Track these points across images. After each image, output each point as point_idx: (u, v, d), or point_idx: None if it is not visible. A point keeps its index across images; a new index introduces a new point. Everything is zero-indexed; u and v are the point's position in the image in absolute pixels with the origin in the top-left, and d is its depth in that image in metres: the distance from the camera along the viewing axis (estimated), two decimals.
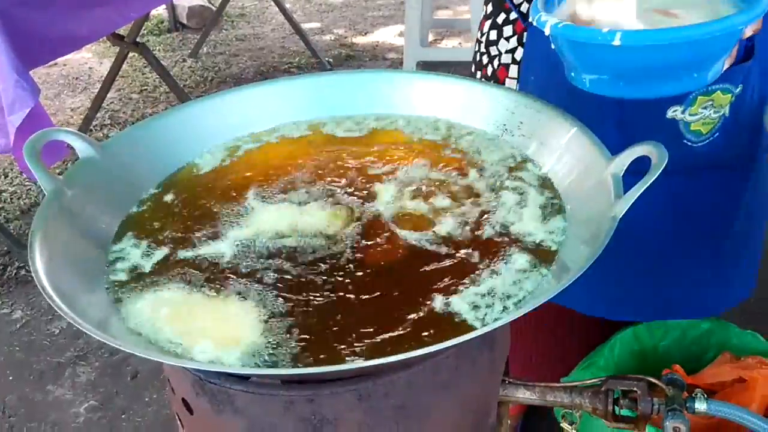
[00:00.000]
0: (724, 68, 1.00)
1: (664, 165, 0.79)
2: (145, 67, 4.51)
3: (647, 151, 0.83)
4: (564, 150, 0.98)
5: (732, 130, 1.29)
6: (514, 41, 1.37)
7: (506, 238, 0.91)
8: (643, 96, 1.00)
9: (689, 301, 1.50)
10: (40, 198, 3.30)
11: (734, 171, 1.36)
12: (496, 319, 0.78)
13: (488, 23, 1.44)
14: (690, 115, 1.25)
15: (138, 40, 3.50)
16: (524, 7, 1.33)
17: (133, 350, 0.70)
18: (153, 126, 1.08)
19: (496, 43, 1.41)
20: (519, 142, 1.06)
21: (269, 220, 0.97)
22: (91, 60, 4.83)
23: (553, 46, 1.02)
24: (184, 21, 5.39)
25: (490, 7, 1.44)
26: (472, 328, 0.78)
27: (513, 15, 1.36)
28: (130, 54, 3.68)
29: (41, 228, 0.85)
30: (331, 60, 4.78)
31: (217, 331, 0.80)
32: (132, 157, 1.03)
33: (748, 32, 1.05)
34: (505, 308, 0.80)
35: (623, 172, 0.85)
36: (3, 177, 3.50)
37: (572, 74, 1.03)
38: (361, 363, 0.73)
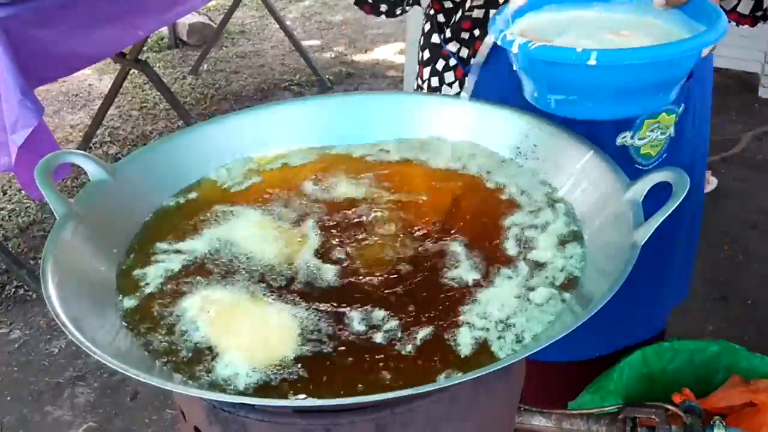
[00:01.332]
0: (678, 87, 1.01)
1: (685, 192, 0.78)
2: (145, 83, 4.51)
3: (668, 178, 0.82)
4: (580, 174, 0.97)
5: (678, 148, 1.33)
6: (456, 87, 1.37)
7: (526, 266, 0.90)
8: (610, 117, 1.00)
9: (638, 322, 1.54)
10: (39, 216, 3.29)
11: None
12: (515, 351, 0.77)
13: (428, 70, 1.42)
14: (639, 139, 1.27)
15: (138, 57, 3.51)
16: (463, 53, 1.32)
17: (153, 381, 0.69)
18: (164, 148, 1.07)
19: (439, 89, 1.40)
20: (533, 166, 1.06)
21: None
22: (90, 77, 4.82)
23: (516, 67, 1.00)
24: (185, 38, 5.40)
25: (427, 53, 1.42)
26: (493, 358, 0.77)
27: (453, 61, 1.36)
28: (130, 70, 3.68)
29: (53, 252, 0.84)
30: (331, 78, 4.79)
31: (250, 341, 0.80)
32: (143, 180, 1.02)
33: (706, 52, 1.06)
34: (519, 340, 0.79)
35: (642, 197, 0.85)
36: (1, 194, 3.49)
37: (535, 95, 1.01)
38: (378, 396, 0.72)
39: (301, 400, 0.75)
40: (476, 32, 1.28)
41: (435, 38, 1.38)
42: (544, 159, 1.05)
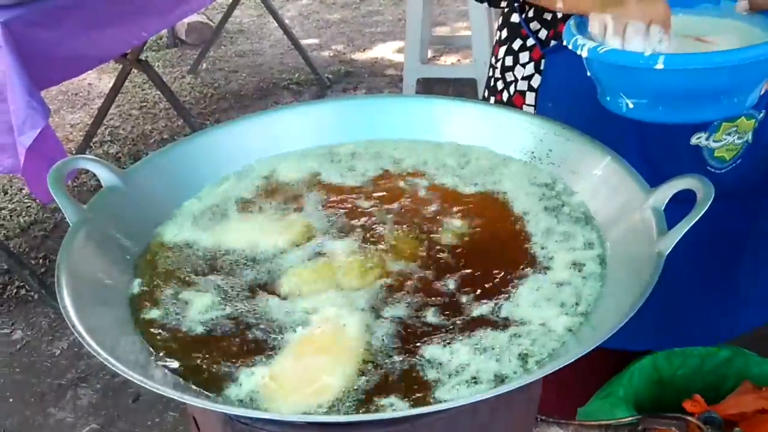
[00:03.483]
0: (762, 93, 0.99)
1: (711, 200, 0.77)
2: (145, 83, 4.49)
3: (691, 185, 0.81)
4: (598, 181, 0.96)
5: (755, 155, 1.28)
6: (530, 68, 1.35)
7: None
8: (682, 120, 0.99)
9: (704, 328, 1.48)
10: (40, 215, 3.27)
11: (753, 197, 1.35)
12: (538, 363, 0.76)
13: (503, 49, 1.42)
14: (714, 141, 1.23)
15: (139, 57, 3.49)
16: (542, 34, 1.31)
17: (171, 394, 0.67)
18: (175, 153, 1.06)
19: (512, 69, 1.39)
20: (549, 171, 1.05)
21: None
22: (90, 76, 4.80)
23: (588, 73, 1.00)
24: (183, 37, 5.37)
25: (505, 33, 1.42)
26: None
27: (530, 42, 1.35)
28: (131, 70, 3.66)
29: (67, 260, 0.83)
30: (330, 76, 4.77)
31: None
32: (155, 185, 1.01)
33: None
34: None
35: (664, 205, 0.83)
36: (2, 194, 3.47)
37: (607, 98, 1.01)
38: (401, 412, 0.72)
39: (321, 415, 0.74)
40: (559, 14, 1.26)
41: (515, 17, 1.37)
42: (559, 164, 1.04)
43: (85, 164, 0.96)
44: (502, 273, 0.89)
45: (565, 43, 1.00)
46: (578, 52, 0.95)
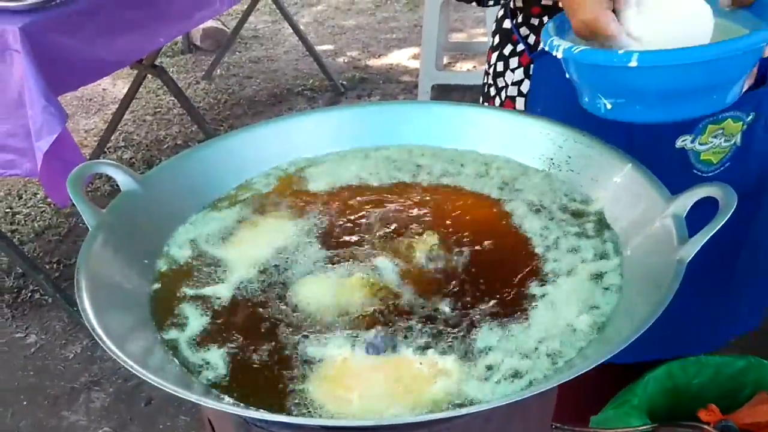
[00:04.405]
0: (744, 90, 0.97)
1: (733, 208, 0.77)
2: (159, 89, 4.51)
3: (713, 193, 0.80)
4: (619, 188, 0.95)
5: (744, 159, 1.27)
6: (520, 73, 1.35)
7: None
8: (662, 119, 0.97)
9: (703, 333, 1.48)
10: (54, 220, 3.29)
11: (744, 201, 1.35)
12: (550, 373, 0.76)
13: (495, 55, 1.42)
14: (700, 144, 1.22)
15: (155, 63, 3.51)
16: (531, 39, 1.31)
17: (190, 397, 0.67)
18: (194, 157, 1.07)
19: (503, 74, 1.40)
20: (568, 178, 1.04)
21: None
22: (104, 81, 4.83)
23: (567, 75, 0.99)
24: (198, 43, 5.40)
25: (497, 39, 1.42)
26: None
27: (520, 47, 1.35)
28: (146, 76, 3.68)
29: (86, 264, 0.83)
30: (345, 83, 4.78)
31: None
32: (173, 189, 1.01)
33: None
34: (554, 362, 0.78)
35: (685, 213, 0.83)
36: (17, 198, 3.49)
37: (586, 99, 0.99)
38: (416, 418, 0.71)
39: (335, 420, 0.74)
40: (545, 19, 1.26)
41: (507, 23, 1.38)
42: (579, 171, 1.04)
43: (104, 169, 0.97)
44: (515, 287, 0.89)
45: (542, 46, 0.99)
46: (554, 53, 0.94)
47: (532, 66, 1.32)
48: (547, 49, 0.96)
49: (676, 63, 0.86)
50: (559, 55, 0.92)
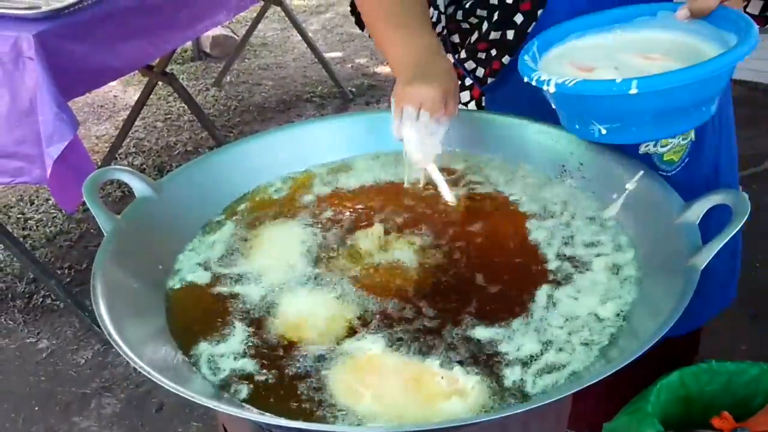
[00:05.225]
0: None
1: (746, 215, 0.77)
2: (169, 95, 4.53)
3: (726, 200, 0.81)
4: (631, 195, 0.96)
5: (699, 151, 1.32)
6: (472, 106, 1.36)
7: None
8: (656, 137, 1.00)
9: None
10: (66, 226, 3.30)
11: (703, 189, 1.38)
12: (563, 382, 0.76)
13: None
14: (661, 147, 1.26)
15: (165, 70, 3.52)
16: (480, 72, 1.31)
17: (207, 403, 0.68)
18: (207, 163, 1.08)
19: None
20: (579, 185, 1.04)
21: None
22: (115, 88, 4.85)
23: (554, 105, 1.01)
24: (208, 50, 5.41)
25: None
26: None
27: (468, 81, 1.35)
28: (157, 83, 3.70)
29: (101, 268, 0.84)
30: (353, 89, 4.79)
31: None
32: (188, 196, 1.02)
33: None
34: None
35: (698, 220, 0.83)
36: (29, 204, 3.51)
37: (577, 126, 1.01)
38: (431, 425, 0.72)
39: (349, 427, 0.74)
40: (493, 52, 1.27)
41: (449, 57, 1.37)
42: (591, 178, 1.04)
43: (119, 175, 0.98)
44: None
45: (526, 80, 0.99)
46: (544, 88, 0.95)
47: (483, 98, 1.33)
48: (534, 83, 0.96)
49: (675, 85, 0.88)
50: (551, 90, 0.93)
